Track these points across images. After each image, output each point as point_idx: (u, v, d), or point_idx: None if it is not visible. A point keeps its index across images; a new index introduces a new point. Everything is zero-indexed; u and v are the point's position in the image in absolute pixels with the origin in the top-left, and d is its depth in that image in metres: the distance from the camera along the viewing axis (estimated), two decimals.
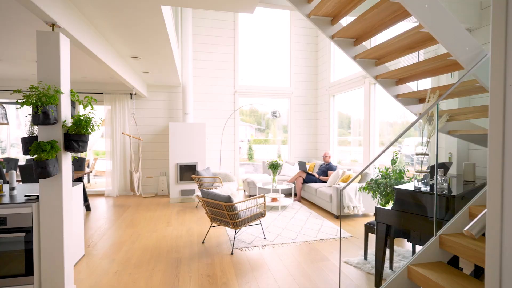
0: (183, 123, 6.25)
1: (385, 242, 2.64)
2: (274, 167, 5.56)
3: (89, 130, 2.64)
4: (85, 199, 5.28)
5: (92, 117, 2.70)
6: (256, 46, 7.63)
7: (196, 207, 5.74)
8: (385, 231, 2.60)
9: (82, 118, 2.57)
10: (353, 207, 4.83)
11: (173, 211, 5.45)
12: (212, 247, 3.70)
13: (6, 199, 2.59)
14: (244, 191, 7.11)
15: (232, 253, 3.51)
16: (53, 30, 2.51)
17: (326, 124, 7.31)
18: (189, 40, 6.31)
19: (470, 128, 2.84)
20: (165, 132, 6.97)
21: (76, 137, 2.53)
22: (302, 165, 6.37)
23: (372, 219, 4.91)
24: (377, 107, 5.56)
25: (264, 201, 3.92)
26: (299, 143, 7.83)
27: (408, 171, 4.00)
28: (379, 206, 2.69)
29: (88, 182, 8.30)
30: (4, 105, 4.79)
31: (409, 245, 3.75)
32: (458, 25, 2.08)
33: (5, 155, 6.80)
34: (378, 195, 4.16)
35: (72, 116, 2.66)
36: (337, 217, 4.96)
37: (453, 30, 2.05)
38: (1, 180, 2.72)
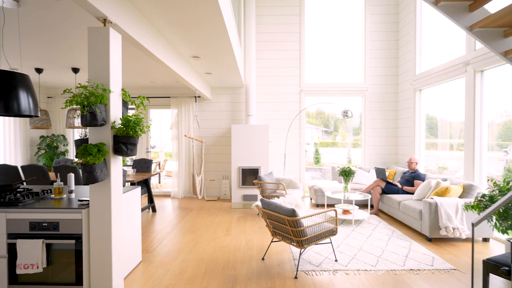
0: (246, 125, 5.94)
1: None
2: (346, 174, 4.77)
3: (139, 132, 2.42)
4: (151, 200, 5.36)
5: (143, 118, 2.49)
6: (325, 39, 6.89)
7: (258, 214, 5.33)
8: None
9: (130, 118, 2.37)
10: (453, 229, 3.75)
11: (233, 217, 5.14)
12: (273, 266, 3.20)
13: (63, 203, 2.54)
14: (311, 199, 6.44)
15: (296, 277, 2.95)
16: (104, 25, 2.36)
17: (410, 124, 6.13)
18: (252, 39, 5.99)
19: None
20: (228, 135, 6.79)
21: (124, 140, 2.33)
22: (380, 172, 5.40)
23: (481, 246, 3.73)
24: (484, 101, 4.30)
25: (336, 216, 3.25)
26: (374, 147, 6.78)
27: None
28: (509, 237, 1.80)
29: (159, 182, 8.72)
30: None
31: None
32: None
33: None
34: (495, 217, 3.08)
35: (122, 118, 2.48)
36: (429, 240, 3.94)
37: None
38: (62, 183, 2.71)
